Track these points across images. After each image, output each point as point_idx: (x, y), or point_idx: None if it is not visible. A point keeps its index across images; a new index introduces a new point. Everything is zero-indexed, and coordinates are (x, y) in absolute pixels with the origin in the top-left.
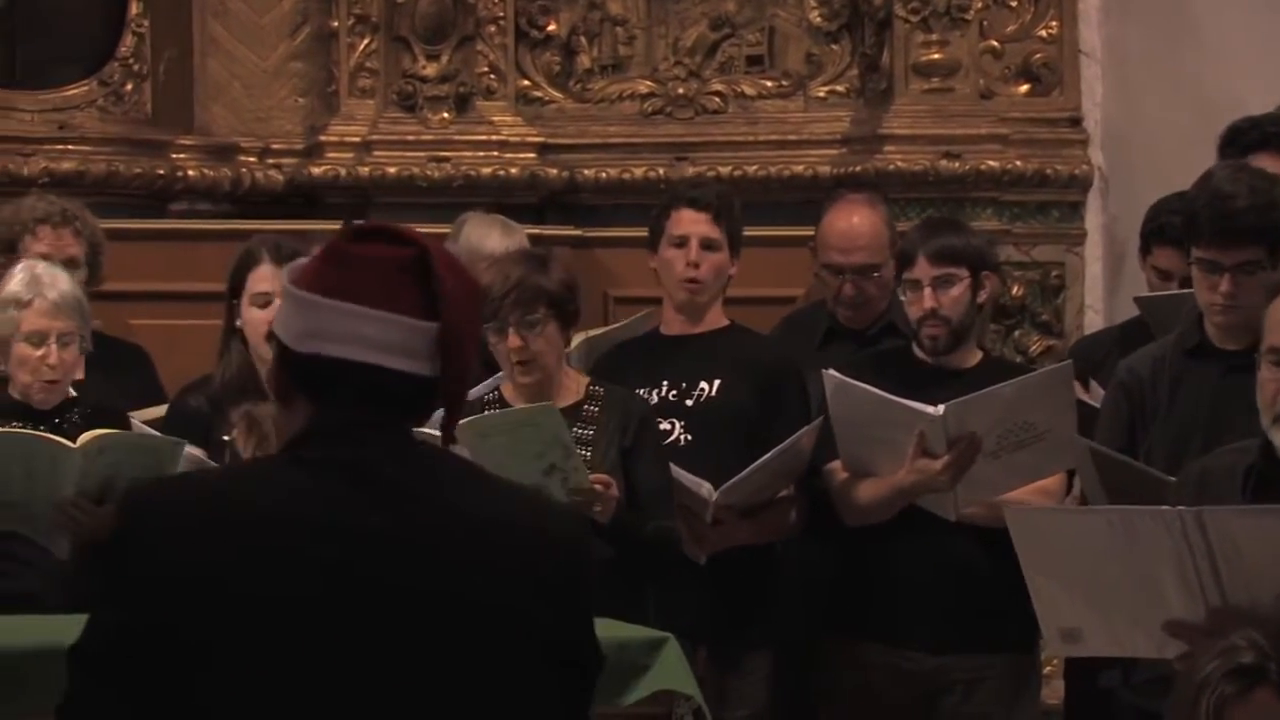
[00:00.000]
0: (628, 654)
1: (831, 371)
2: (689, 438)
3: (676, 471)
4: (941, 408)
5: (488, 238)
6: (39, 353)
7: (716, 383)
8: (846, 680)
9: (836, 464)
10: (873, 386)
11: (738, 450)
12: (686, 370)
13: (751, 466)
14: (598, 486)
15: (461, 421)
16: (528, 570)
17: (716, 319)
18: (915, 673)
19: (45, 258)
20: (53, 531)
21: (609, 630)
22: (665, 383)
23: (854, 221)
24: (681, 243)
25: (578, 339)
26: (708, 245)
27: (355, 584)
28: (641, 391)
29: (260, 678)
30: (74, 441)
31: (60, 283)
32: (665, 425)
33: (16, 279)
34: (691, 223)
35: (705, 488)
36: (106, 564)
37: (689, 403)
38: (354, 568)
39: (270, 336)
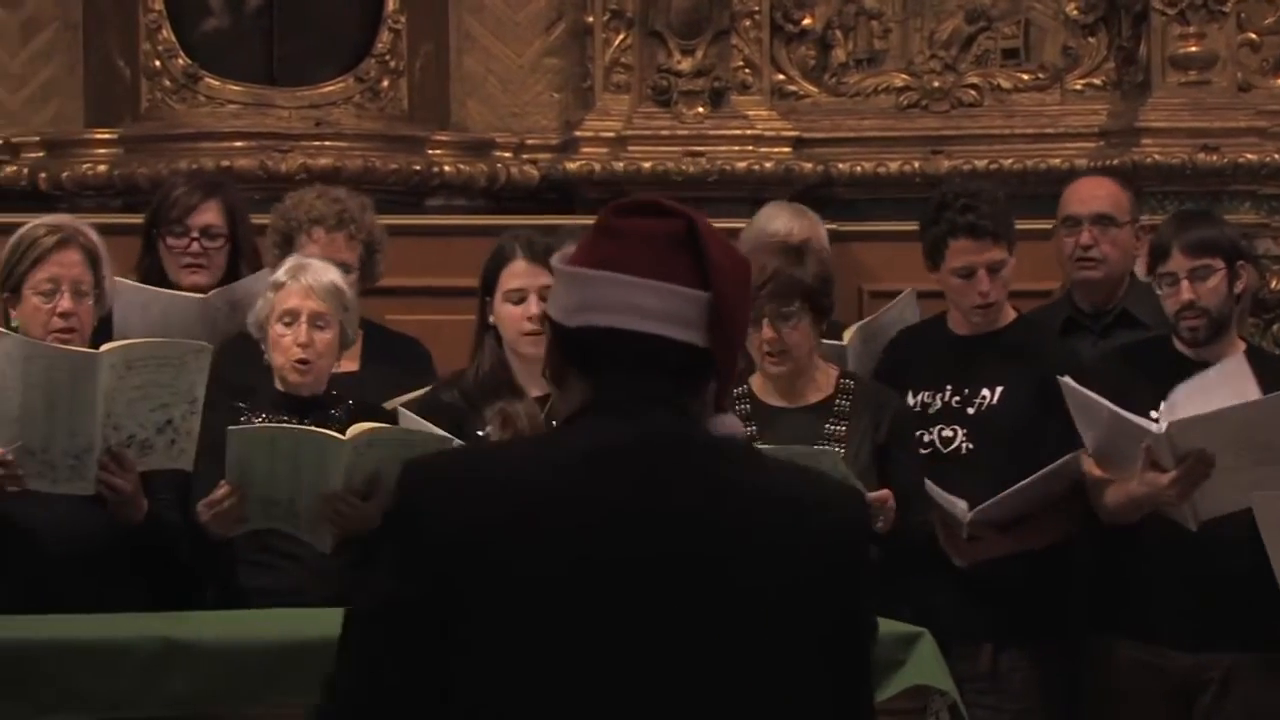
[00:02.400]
0: (882, 649)
1: (1066, 379)
2: (970, 446)
3: (931, 488)
4: (1165, 425)
5: (774, 219)
6: (291, 333)
7: (999, 390)
8: (1101, 678)
9: (1090, 461)
10: (1127, 379)
11: (1019, 459)
12: (970, 376)
13: (1011, 490)
14: (873, 501)
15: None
16: (805, 547)
17: (1004, 315)
18: (1170, 670)
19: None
20: (317, 526)
21: None
22: (949, 387)
23: (1097, 180)
24: (967, 274)
25: (849, 332)
26: (994, 269)
27: (630, 562)
28: (924, 395)
29: (529, 660)
30: (341, 435)
31: (321, 271)
32: (947, 432)
33: (281, 266)
34: (974, 253)
35: (960, 506)
36: (386, 533)
37: (970, 410)
38: (630, 545)
39: (544, 318)
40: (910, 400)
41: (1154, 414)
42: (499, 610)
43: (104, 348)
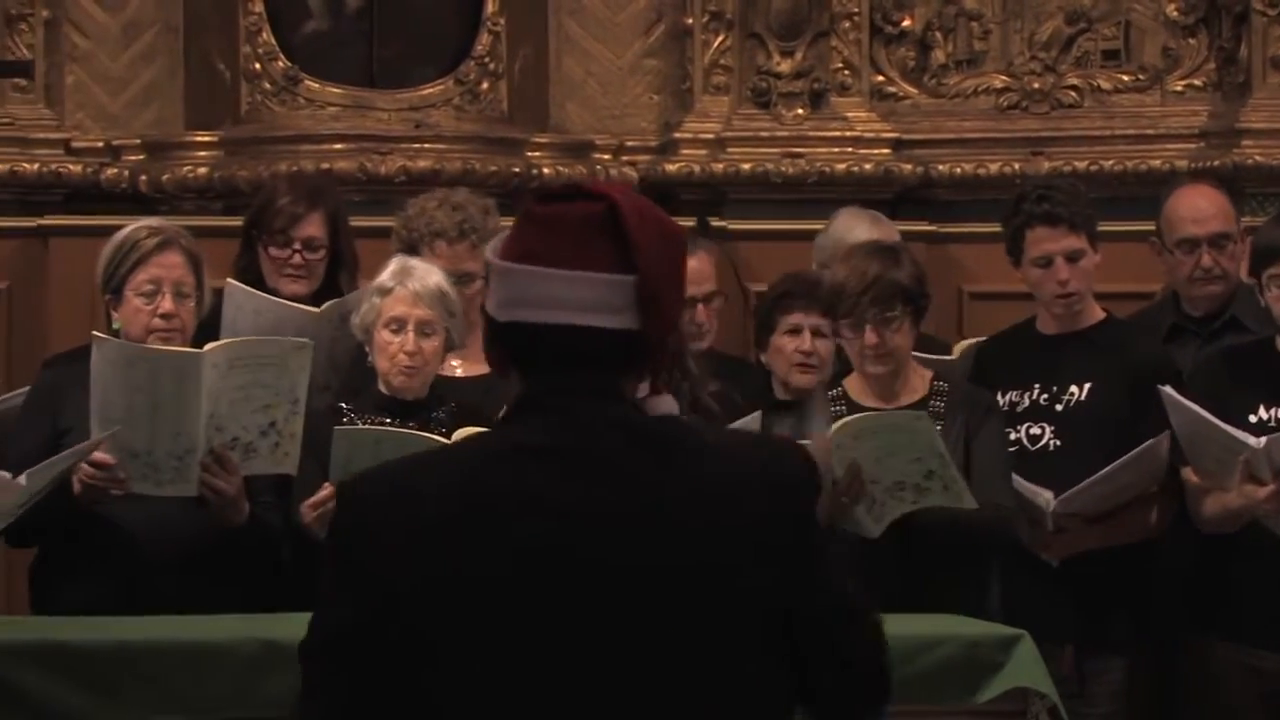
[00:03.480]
0: (981, 651)
1: (1166, 389)
2: (1058, 443)
3: (1017, 481)
4: (1264, 440)
5: (854, 229)
6: (398, 340)
7: (1087, 386)
8: (1197, 680)
9: (1189, 470)
10: (1227, 383)
11: (1107, 456)
12: (1057, 373)
13: (1094, 477)
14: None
15: (842, 422)
16: (745, 527)
17: (1091, 314)
18: (1267, 672)
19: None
20: None
21: (962, 627)
22: (1036, 385)
23: (1202, 193)
24: (1045, 262)
25: (959, 347)
26: (1072, 257)
27: (572, 563)
28: (1012, 394)
29: (486, 663)
30: (446, 439)
31: (428, 275)
32: (1035, 429)
33: (388, 269)
34: (1050, 241)
35: (1044, 496)
36: (327, 556)
37: (1058, 407)
38: (569, 546)
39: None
40: (999, 400)
41: (1253, 418)
42: (446, 617)
43: (206, 347)
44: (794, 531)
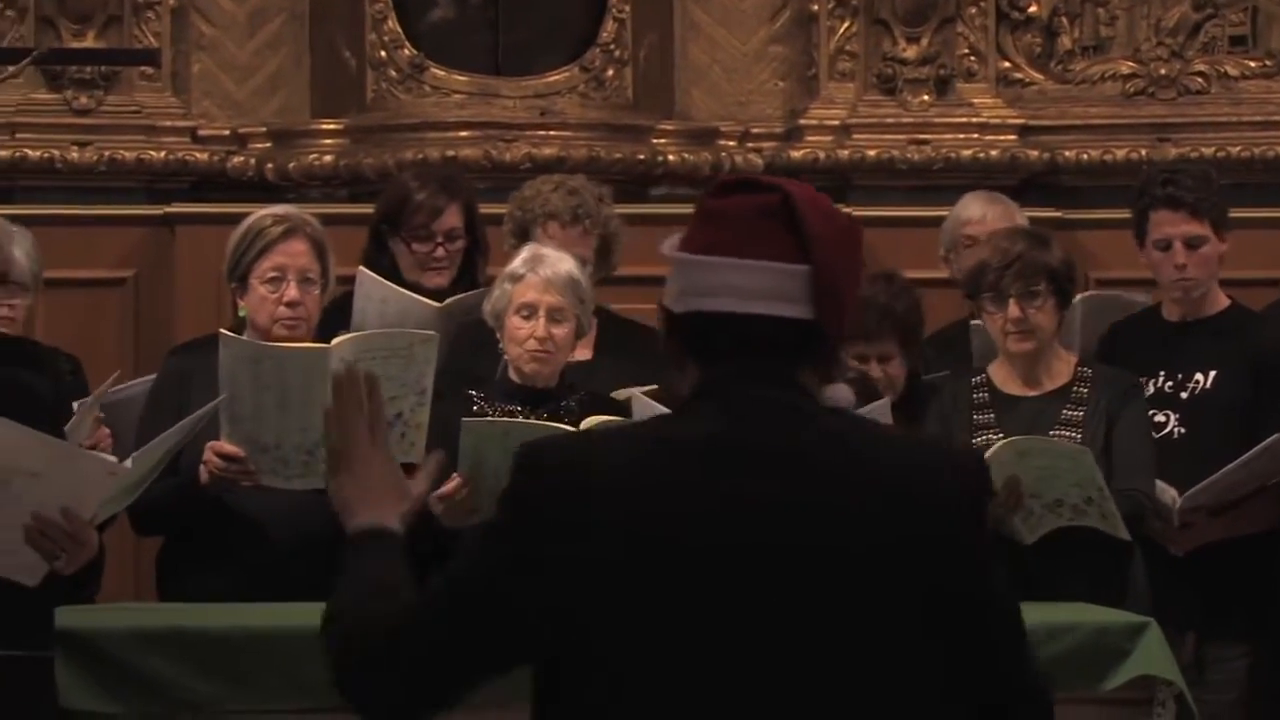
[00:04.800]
0: (1108, 638)
1: None
2: (1182, 431)
3: None
4: None
5: (969, 206)
6: (529, 326)
7: (1212, 374)
8: None
9: None
10: None
11: (1233, 444)
12: (1182, 361)
13: (1218, 474)
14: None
15: (1008, 440)
16: (920, 518)
17: (1216, 301)
18: None
19: None
20: None
21: (1089, 614)
22: (1161, 373)
23: None
24: (1165, 246)
25: (1079, 297)
26: (1191, 243)
27: (747, 548)
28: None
29: (655, 644)
30: (574, 428)
31: (559, 262)
32: (1160, 417)
33: (519, 258)
34: (1171, 224)
35: (1169, 494)
36: (501, 511)
37: (1183, 395)
38: (746, 531)
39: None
40: None
41: None
42: (609, 596)
43: (334, 342)
44: (966, 525)
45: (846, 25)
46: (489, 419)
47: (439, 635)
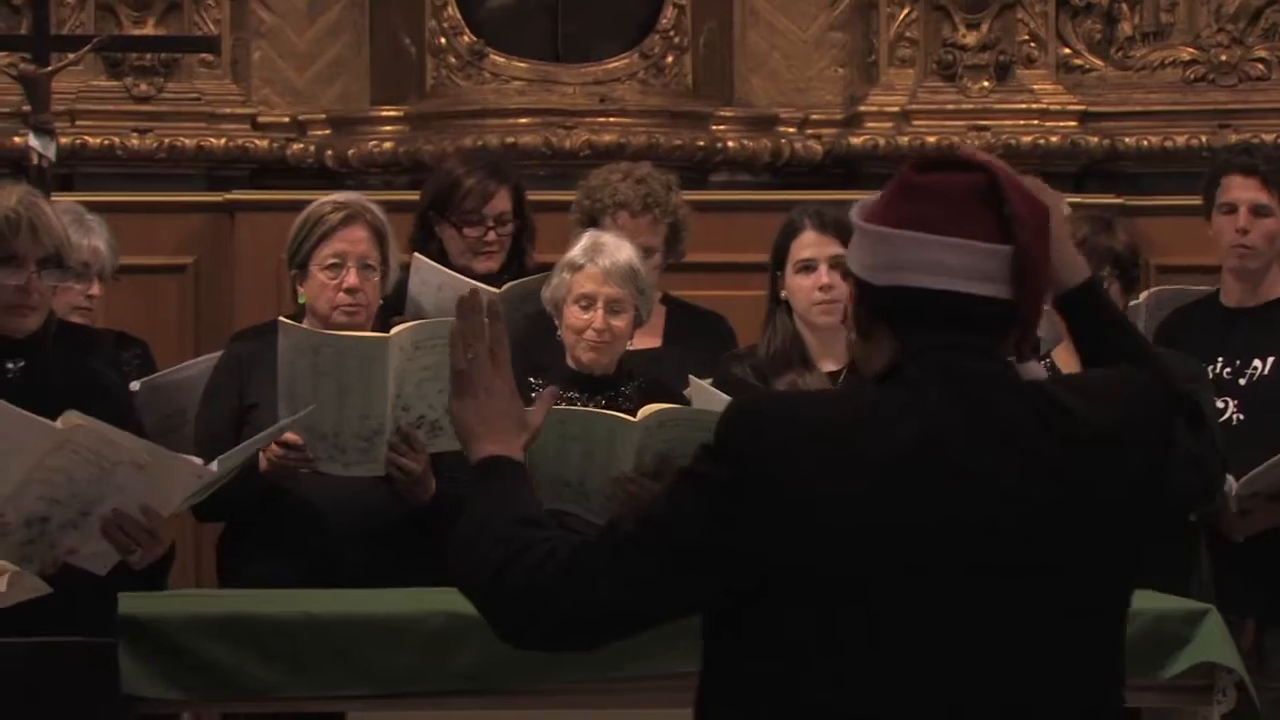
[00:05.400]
0: (1167, 626)
1: None
2: (1241, 417)
3: None
4: None
5: None
6: (587, 317)
7: (1270, 360)
8: None
9: None
10: None
11: None
12: (1241, 347)
13: (1274, 459)
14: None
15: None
16: (1125, 472)
17: (1274, 287)
18: None
19: None
20: (607, 507)
21: (1149, 602)
22: (1220, 359)
23: None
24: (1231, 209)
25: (1144, 294)
26: (1258, 211)
27: (960, 515)
28: None
29: (873, 604)
30: (631, 415)
31: (618, 251)
32: (1219, 404)
33: (579, 246)
34: (1240, 189)
35: (1228, 480)
36: (706, 461)
37: (1241, 381)
38: (958, 497)
39: (846, 274)
40: None
41: None
42: (832, 557)
43: (393, 330)
44: (1161, 442)
45: (906, 11)
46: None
47: (630, 573)
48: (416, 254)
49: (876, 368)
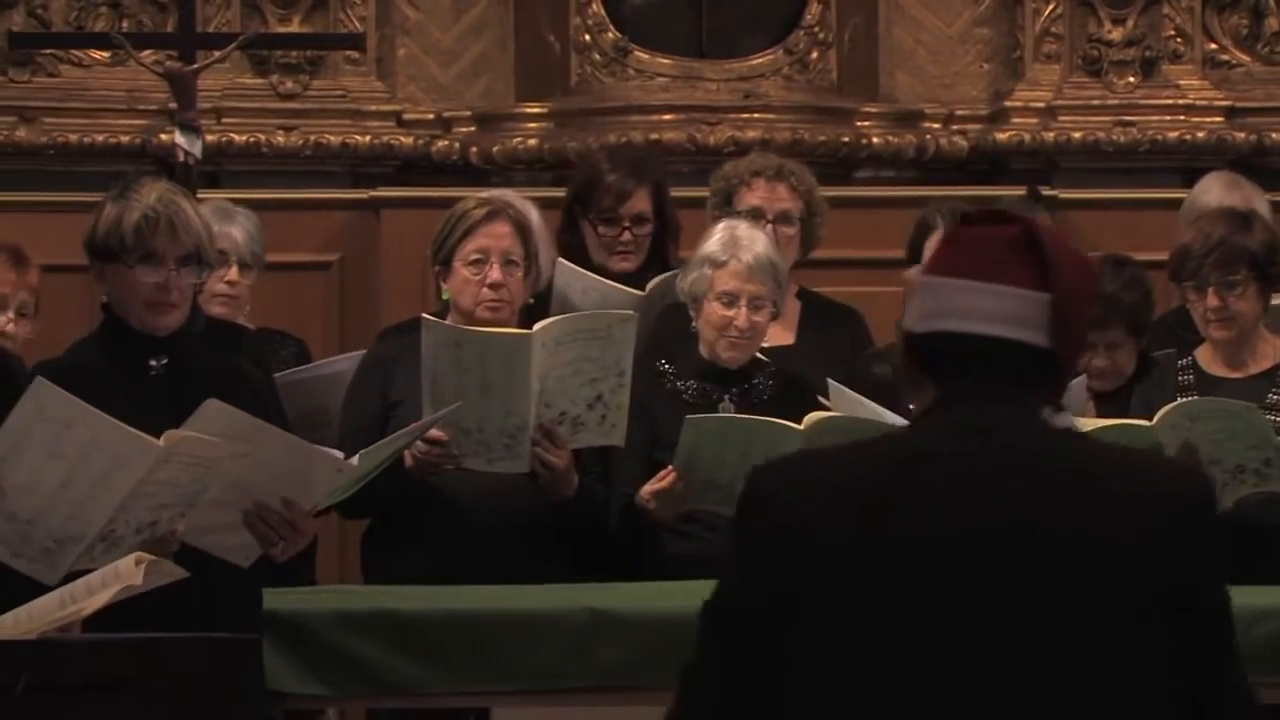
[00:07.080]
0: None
1: None
2: None
3: None
4: None
5: (1207, 192)
6: (729, 314)
7: None
8: None
9: None
10: None
11: None
12: None
13: None
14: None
15: (1178, 403)
16: (1144, 532)
17: None
18: None
19: (756, 211)
20: None
21: (1250, 598)
22: None
23: None
24: None
25: None
26: None
27: (981, 565)
28: None
29: (888, 657)
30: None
31: (757, 245)
32: None
33: (715, 238)
34: None
35: None
36: (734, 528)
37: None
38: (980, 549)
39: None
40: None
41: None
42: (854, 609)
43: (535, 327)
44: (1199, 546)
45: (1052, 7)
46: (711, 415)
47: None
48: (560, 259)
49: (916, 414)
